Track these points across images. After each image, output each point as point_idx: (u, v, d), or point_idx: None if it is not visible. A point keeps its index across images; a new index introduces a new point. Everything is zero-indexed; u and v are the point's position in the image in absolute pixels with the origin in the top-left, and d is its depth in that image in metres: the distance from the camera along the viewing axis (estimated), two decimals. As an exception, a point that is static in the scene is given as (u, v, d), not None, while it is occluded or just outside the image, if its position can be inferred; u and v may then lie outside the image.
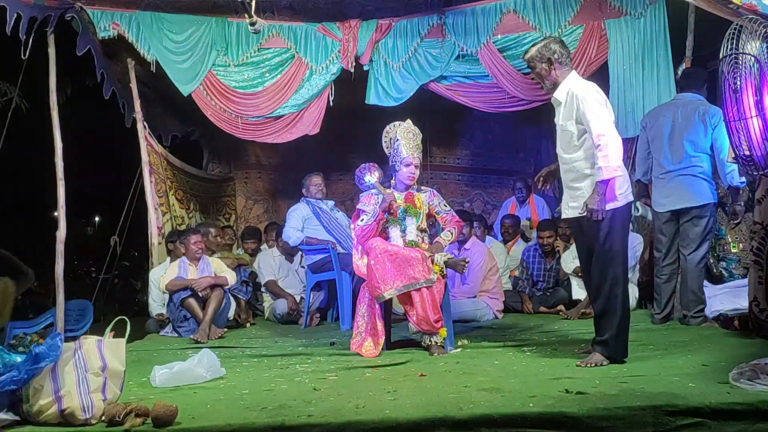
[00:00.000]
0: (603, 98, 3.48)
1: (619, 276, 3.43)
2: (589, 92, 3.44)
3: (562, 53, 3.52)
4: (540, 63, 3.54)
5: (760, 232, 3.91)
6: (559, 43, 3.58)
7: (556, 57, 3.51)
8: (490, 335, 4.79)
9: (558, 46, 3.54)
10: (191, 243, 5.50)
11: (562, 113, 3.55)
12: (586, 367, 3.35)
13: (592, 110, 3.38)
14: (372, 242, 4.13)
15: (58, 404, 2.54)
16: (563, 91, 3.53)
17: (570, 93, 3.49)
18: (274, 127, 6.28)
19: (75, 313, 6.13)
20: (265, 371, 3.67)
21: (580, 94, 3.43)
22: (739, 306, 4.57)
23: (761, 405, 2.49)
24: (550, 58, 3.51)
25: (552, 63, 3.52)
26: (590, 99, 3.40)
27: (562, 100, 3.54)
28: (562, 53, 3.52)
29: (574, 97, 3.45)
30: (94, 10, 5.75)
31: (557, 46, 3.53)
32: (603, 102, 3.45)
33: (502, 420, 2.45)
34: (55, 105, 5.57)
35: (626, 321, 3.46)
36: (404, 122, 4.42)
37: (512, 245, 6.81)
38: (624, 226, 3.51)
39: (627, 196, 3.47)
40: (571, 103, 3.48)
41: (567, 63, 3.55)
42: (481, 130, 8.69)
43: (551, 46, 3.52)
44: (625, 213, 3.48)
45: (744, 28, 3.17)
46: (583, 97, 3.41)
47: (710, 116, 4.54)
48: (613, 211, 3.40)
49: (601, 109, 3.40)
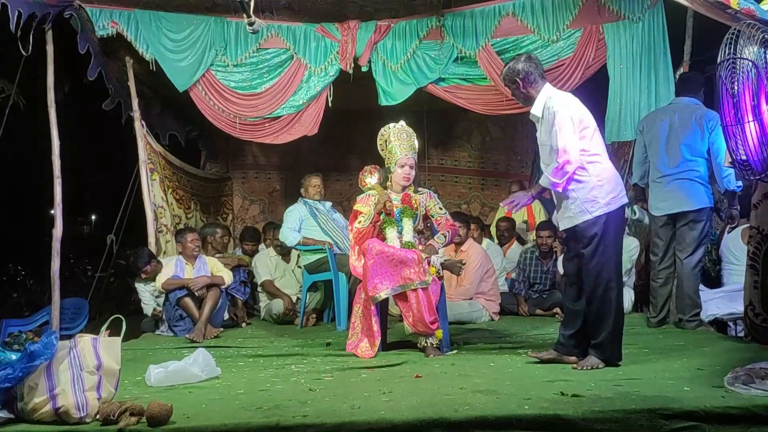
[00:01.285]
0: (578, 111, 3.51)
1: (613, 279, 3.45)
2: (561, 107, 3.47)
3: (528, 71, 3.57)
4: (510, 84, 3.64)
5: (756, 236, 3.92)
6: (523, 62, 3.60)
7: (522, 77, 3.57)
8: (485, 337, 4.79)
9: (522, 65, 3.58)
10: (188, 241, 5.51)
11: (542, 129, 3.60)
12: (582, 369, 3.36)
13: (560, 128, 3.42)
14: (368, 243, 4.14)
15: (52, 402, 2.54)
16: (539, 107, 3.58)
17: (546, 107, 3.54)
18: (272, 128, 6.28)
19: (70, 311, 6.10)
20: (260, 371, 3.67)
21: (553, 109, 3.48)
22: (735, 310, 4.59)
23: (756, 409, 2.50)
24: (515, 79, 3.58)
25: (519, 83, 3.58)
26: (561, 115, 3.44)
27: (539, 115, 3.59)
28: (528, 71, 3.57)
29: (550, 111, 3.49)
30: (93, 9, 5.75)
31: (521, 65, 3.58)
32: (576, 116, 3.48)
33: (498, 422, 2.45)
34: (53, 102, 5.55)
35: (620, 324, 3.48)
36: (397, 124, 4.43)
37: (508, 247, 6.82)
38: (618, 230, 3.54)
39: (620, 199, 3.49)
40: (548, 117, 3.52)
41: (537, 79, 3.59)
42: (478, 131, 8.70)
43: (516, 68, 3.59)
44: (618, 217, 3.51)
45: (742, 33, 3.18)
46: (555, 112, 3.46)
47: (707, 120, 4.55)
48: (606, 215, 3.42)
49: (569, 127, 3.43)
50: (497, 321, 5.72)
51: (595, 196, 3.44)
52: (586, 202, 3.44)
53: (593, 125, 3.53)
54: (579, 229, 3.49)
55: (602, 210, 3.42)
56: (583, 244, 3.49)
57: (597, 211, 3.43)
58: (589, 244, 3.44)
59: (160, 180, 6.54)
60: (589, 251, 3.44)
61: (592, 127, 3.52)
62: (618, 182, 3.52)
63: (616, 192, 3.47)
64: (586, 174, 3.45)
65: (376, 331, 4.10)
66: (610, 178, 3.48)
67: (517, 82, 3.58)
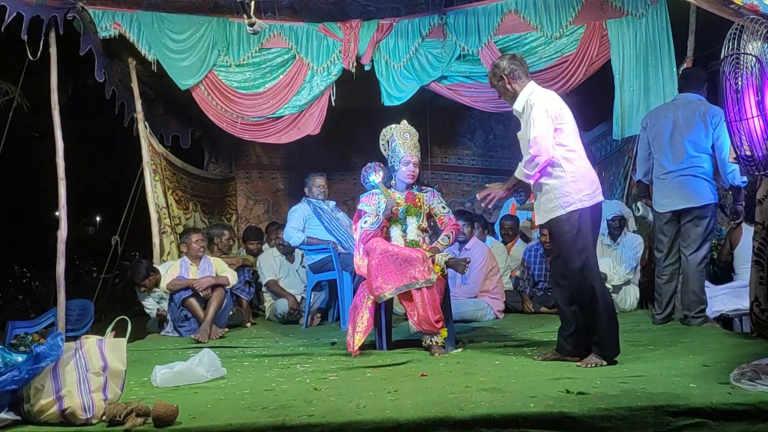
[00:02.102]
0: (556, 106, 3.55)
1: (596, 275, 3.48)
2: (539, 100, 3.53)
3: (512, 68, 3.66)
4: (496, 81, 3.71)
5: (762, 232, 3.91)
6: (507, 59, 3.72)
7: (507, 73, 3.66)
8: (490, 335, 4.79)
9: (507, 63, 3.68)
10: (192, 242, 5.52)
11: (522, 123, 3.64)
12: (586, 367, 3.36)
13: (534, 119, 3.48)
14: (373, 242, 4.14)
15: (59, 404, 2.54)
16: (521, 102, 3.64)
17: (526, 102, 3.59)
18: (275, 128, 6.28)
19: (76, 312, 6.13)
20: (265, 371, 3.68)
21: (531, 102, 3.54)
22: (740, 306, 4.58)
23: (762, 405, 2.49)
24: (501, 75, 3.67)
25: (504, 79, 3.67)
26: (537, 107, 3.49)
27: (520, 110, 3.64)
28: (512, 68, 3.66)
29: (529, 104, 3.55)
30: (96, 10, 5.76)
31: (506, 63, 3.69)
32: (552, 110, 3.51)
33: (503, 420, 2.45)
34: (57, 104, 5.56)
35: (612, 318, 3.47)
36: (399, 124, 4.44)
37: (512, 245, 6.81)
38: (594, 227, 3.56)
39: (594, 197, 3.52)
40: (527, 111, 3.56)
41: (521, 75, 3.66)
42: (482, 129, 8.70)
43: (501, 65, 3.69)
44: (593, 214, 3.53)
45: (745, 29, 3.17)
46: (532, 105, 3.52)
47: (711, 116, 4.54)
48: (580, 212, 3.46)
49: (544, 120, 3.47)
50: (502, 319, 5.72)
51: (569, 191, 3.46)
52: (560, 197, 3.48)
53: (572, 123, 3.58)
54: (553, 224, 3.53)
55: (575, 206, 3.45)
56: (558, 241, 3.52)
57: (570, 207, 3.45)
58: (565, 242, 3.47)
59: (161, 181, 6.55)
60: (567, 250, 3.48)
61: (571, 124, 3.57)
62: (594, 181, 3.56)
63: (590, 189, 3.51)
64: (561, 170, 3.49)
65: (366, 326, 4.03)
66: (584, 176, 3.52)
67: (502, 79, 3.67)
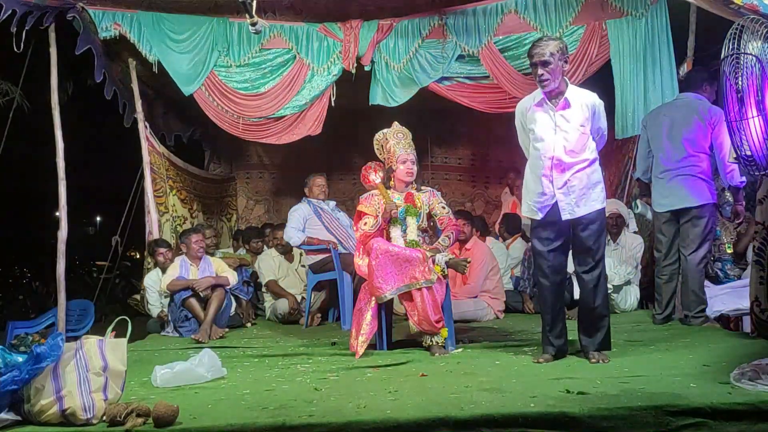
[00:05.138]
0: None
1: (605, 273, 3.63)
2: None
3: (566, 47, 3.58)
4: (557, 58, 3.45)
5: (762, 232, 3.91)
6: (559, 40, 3.63)
7: (567, 56, 3.57)
8: (491, 335, 4.78)
9: (562, 42, 3.58)
10: (192, 242, 5.51)
11: (578, 108, 3.53)
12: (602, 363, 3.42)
13: (603, 115, 3.61)
14: (373, 242, 4.13)
15: (59, 404, 2.55)
16: (577, 90, 3.58)
17: (588, 95, 3.56)
18: (275, 128, 6.29)
19: (76, 313, 6.14)
20: (266, 371, 3.68)
21: (596, 100, 3.56)
22: (741, 306, 4.58)
23: (763, 405, 2.50)
24: (565, 55, 3.53)
25: (567, 56, 3.58)
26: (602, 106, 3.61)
27: (575, 96, 3.54)
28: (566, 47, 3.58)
29: (595, 101, 3.55)
30: (96, 10, 5.76)
31: (563, 42, 3.56)
32: None
33: (504, 420, 2.46)
34: (57, 104, 5.57)
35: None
36: (390, 127, 4.44)
37: (511, 243, 6.80)
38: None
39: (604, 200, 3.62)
40: (594, 104, 3.54)
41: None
42: (482, 130, 8.69)
43: (564, 47, 3.52)
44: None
45: (745, 29, 3.18)
46: (599, 102, 3.58)
47: (710, 116, 4.54)
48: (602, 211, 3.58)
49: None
50: (502, 319, 5.72)
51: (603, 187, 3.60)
52: (601, 191, 3.57)
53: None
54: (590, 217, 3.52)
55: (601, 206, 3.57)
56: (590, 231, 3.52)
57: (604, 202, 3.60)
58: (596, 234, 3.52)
59: (164, 180, 6.55)
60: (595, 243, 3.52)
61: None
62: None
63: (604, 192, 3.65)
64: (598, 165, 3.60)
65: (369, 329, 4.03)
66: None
67: (564, 56, 3.49)
